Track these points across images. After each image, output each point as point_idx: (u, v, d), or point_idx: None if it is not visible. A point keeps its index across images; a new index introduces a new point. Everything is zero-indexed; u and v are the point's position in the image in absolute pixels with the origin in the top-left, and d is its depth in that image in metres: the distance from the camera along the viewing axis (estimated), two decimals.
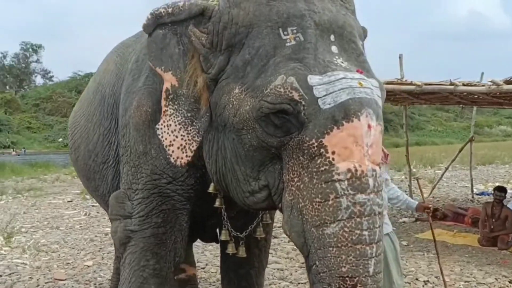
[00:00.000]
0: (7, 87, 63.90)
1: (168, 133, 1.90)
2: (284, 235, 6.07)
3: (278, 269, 4.80)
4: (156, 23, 1.87)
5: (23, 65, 66.02)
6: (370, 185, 1.60)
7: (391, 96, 6.32)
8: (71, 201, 9.70)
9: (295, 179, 1.66)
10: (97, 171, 2.63)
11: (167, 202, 2.19)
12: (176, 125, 1.88)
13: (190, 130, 1.88)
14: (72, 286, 4.28)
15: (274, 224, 5.86)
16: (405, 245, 5.80)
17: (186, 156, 1.90)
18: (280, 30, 1.69)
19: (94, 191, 2.83)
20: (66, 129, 44.28)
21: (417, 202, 3.29)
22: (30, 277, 4.56)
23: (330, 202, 1.58)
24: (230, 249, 2.31)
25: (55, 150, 40.72)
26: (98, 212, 8.00)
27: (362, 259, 1.57)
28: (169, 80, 1.87)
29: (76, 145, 2.90)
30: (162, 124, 1.90)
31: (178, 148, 1.90)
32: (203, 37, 1.80)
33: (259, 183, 1.79)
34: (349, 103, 1.59)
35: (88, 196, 8.83)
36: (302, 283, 4.34)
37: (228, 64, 1.78)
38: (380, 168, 1.70)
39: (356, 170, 1.58)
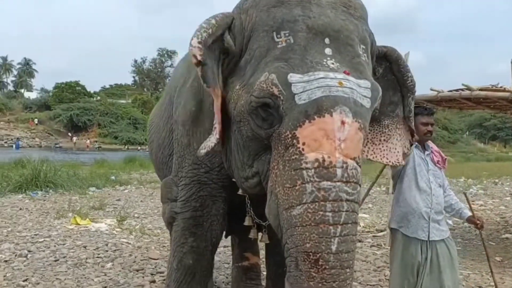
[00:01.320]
0: (145, 89, 70.51)
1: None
2: (370, 241, 6.13)
3: None
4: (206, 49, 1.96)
5: (159, 69, 72.38)
6: (338, 174, 1.70)
7: (491, 104, 5.96)
8: None
9: (275, 167, 1.82)
10: (164, 162, 3.00)
11: (204, 189, 2.49)
12: None
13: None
14: (162, 265, 4.83)
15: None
16: (499, 261, 5.48)
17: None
18: (274, 33, 1.87)
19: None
20: None
21: (469, 214, 3.19)
22: (130, 255, 5.22)
23: (297, 187, 1.72)
24: (252, 234, 2.53)
25: None
26: None
27: (325, 237, 1.68)
28: (220, 95, 2.00)
29: (151, 139, 3.36)
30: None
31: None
32: (231, 42, 1.99)
33: (252, 170, 2.00)
34: (323, 100, 1.72)
35: None
36: (370, 285, 4.39)
37: (236, 64, 2.01)
38: (358, 162, 1.78)
39: (324, 161, 1.70)
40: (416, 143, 3.01)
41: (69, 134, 51.84)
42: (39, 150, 34.95)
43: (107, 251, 5.39)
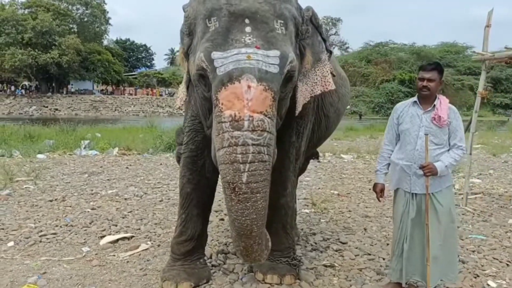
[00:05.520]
0: None
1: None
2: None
3: None
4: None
5: None
6: (245, 125, 2.30)
7: None
8: None
9: (213, 120, 2.47)
10: None
11: (198, 135, 3.19)
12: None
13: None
14: None
15: None
16: None
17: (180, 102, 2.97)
18: (207, 20, 2.46)
19: None
20: (357, 97, 44.05)
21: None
22: (220, 199, 6.16)
23: (220, 135, 2.35)
24: None
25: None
26: None
27: (238, 172, 2.32)
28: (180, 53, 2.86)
29: None
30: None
31: (179, 97, 2.98)
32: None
33: (207, 122, 2.67)
34: (233, 71, 2.32)
35: None
36: None
37: (191, 44, 2.66)
38: (267, 115, 2.32)
39: (235, 116, 2.31)
40: (416, 99, 3.15)
41: None
42: None
43: None
